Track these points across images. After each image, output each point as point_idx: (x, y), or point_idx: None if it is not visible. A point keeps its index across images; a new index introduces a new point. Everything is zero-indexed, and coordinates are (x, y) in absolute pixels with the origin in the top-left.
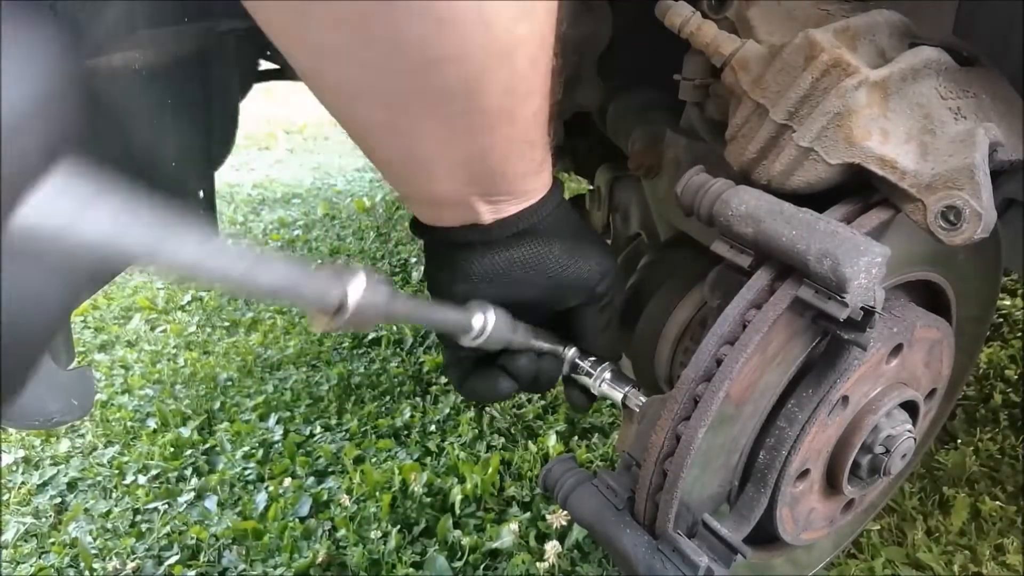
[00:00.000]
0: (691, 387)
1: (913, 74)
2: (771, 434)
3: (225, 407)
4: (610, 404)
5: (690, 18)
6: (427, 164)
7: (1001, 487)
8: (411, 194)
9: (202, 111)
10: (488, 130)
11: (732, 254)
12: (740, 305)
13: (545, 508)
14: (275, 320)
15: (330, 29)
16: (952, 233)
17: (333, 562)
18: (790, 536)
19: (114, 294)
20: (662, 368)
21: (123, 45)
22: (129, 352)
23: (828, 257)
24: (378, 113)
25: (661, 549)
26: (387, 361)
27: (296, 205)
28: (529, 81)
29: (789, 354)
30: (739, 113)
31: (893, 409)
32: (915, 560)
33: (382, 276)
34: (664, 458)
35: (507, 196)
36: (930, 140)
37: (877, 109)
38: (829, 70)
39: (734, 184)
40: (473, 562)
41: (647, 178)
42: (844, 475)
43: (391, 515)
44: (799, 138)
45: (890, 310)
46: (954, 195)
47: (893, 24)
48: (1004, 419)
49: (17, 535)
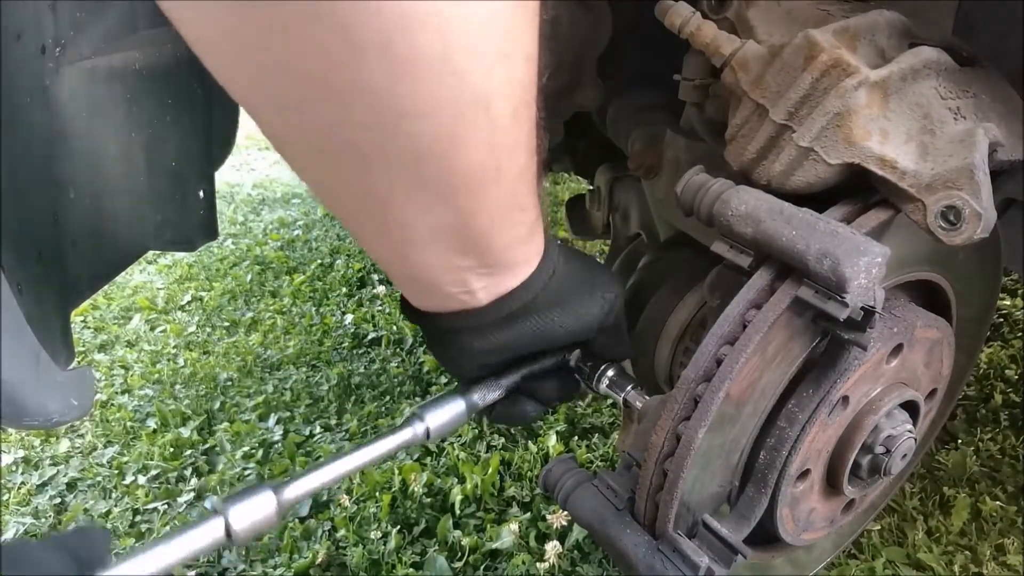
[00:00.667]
0: (691, 387)
1: (913, 74)
2: (771, 434)
3: (225, 407)
4: (610, 404)
5: (690, 18)
6: (407, 232)
7: (1002, 487)
8: (396, 270)
9: (202, 111)
10: (470, 192)
11: (732, 254)
12: (740, 305)
13: (545, 508)
14: (275, 320)
15: (287, 80)
16: (952, 233)
17: (333, 562)
18: (790, 536)
19: (114, 294)
20: (662, 368)
21: (123, 45)
22: (129, 352)
23: (828, 257)
24: (346, 174)
25: (661, 549)
26: (387, 361)
27: (296, 205)
28: (512, 135)
29: (789, 354)
30: (739, 113)
31: (893, 409)
32: (915, 560)
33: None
34: (664, 458)
35: (498, 268)
36: (930, 140)
37: (877, 109)
38: (829, 70)
39: (734, 184)
40: (473, 562)
41: (647, 178)
42: (844, 475)
43: (391, 515)
44: (799, 138)
45: (890, 310)
46: (954, 195)
47: (893, 24)
48: (1004, 419)
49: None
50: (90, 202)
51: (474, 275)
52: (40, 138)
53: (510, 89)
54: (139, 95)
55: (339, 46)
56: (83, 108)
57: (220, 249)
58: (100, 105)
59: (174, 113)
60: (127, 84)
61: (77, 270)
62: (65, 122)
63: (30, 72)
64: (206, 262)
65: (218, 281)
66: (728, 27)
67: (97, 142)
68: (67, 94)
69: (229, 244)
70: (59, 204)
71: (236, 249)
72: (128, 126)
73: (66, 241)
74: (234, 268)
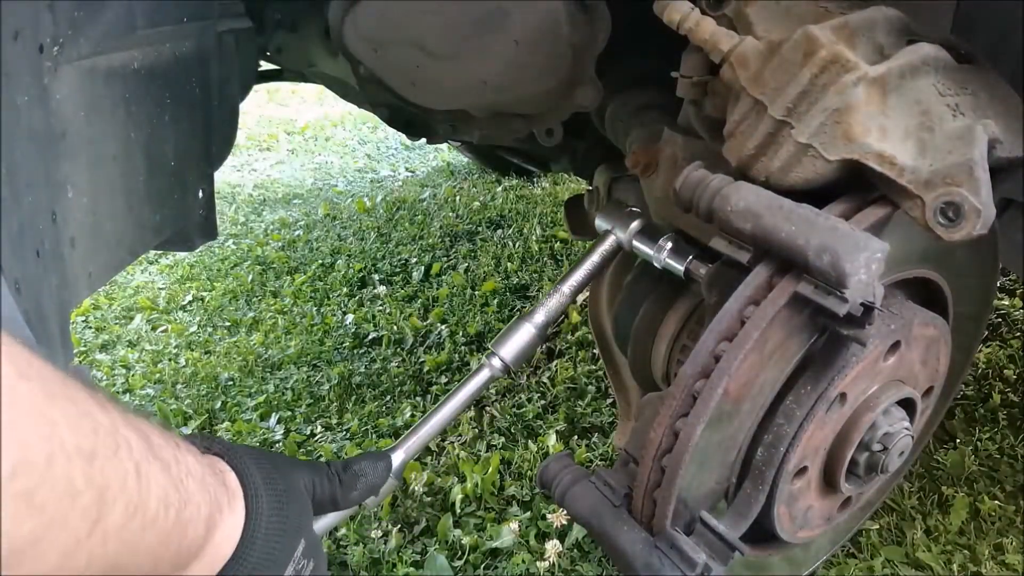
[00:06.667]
0: (689, 383)
1: (912, 71)
2: (769, 431)
3: (226, 407)
4: (611, 403)
5: (689, 14)
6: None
7: (1000, 486)
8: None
9: (202, 111)
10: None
11: (731, 250)
12: (739, 301)
13: (545, 507)
14: (276, 320)
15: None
16: (951, 229)
17: (333, 561)
18: (787, 534)
19: (115, 294)
20: (659, 366)
21: (122, 44)
22: (130, 352)
23: (828, 252)
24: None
25: (659, 546)
26: (388, 361)
27: (297, 205)
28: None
29: (787, 351)
30: (737, 109)
31: (891, 407)
32: (914, 559)
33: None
34: (662, 454)
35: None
36: (928, 137)
37: (876, 106)
38: (828, 66)
39: (733, 180)
40: (473, 561)
41: (644, 176)
42: (842, 472)
43: (391, 514)
44: (798, 134)
45: (888, 307)
46: (953, 191)
47: (891, 21)
48: (1003, 419)
49: None
50: (89, 201)
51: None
52: (39, 137)
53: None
54: (138, 95)
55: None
56: (82, 107)
57: (221, 249)
58: (99, 104)
59: (173, 113)
60: (126, 84)
61: (76, 269)
62: (64, 121)
63: (28, 71)
64: (207, 262)
65: (219, 281)
66: (726, 24)
67: (96, 141)
68: (66, 93)
69: (230, 244)
70: (58, 203)
71: (237, 249)
72: (127, 126)
73: (65, 240)
74: (235, 268)
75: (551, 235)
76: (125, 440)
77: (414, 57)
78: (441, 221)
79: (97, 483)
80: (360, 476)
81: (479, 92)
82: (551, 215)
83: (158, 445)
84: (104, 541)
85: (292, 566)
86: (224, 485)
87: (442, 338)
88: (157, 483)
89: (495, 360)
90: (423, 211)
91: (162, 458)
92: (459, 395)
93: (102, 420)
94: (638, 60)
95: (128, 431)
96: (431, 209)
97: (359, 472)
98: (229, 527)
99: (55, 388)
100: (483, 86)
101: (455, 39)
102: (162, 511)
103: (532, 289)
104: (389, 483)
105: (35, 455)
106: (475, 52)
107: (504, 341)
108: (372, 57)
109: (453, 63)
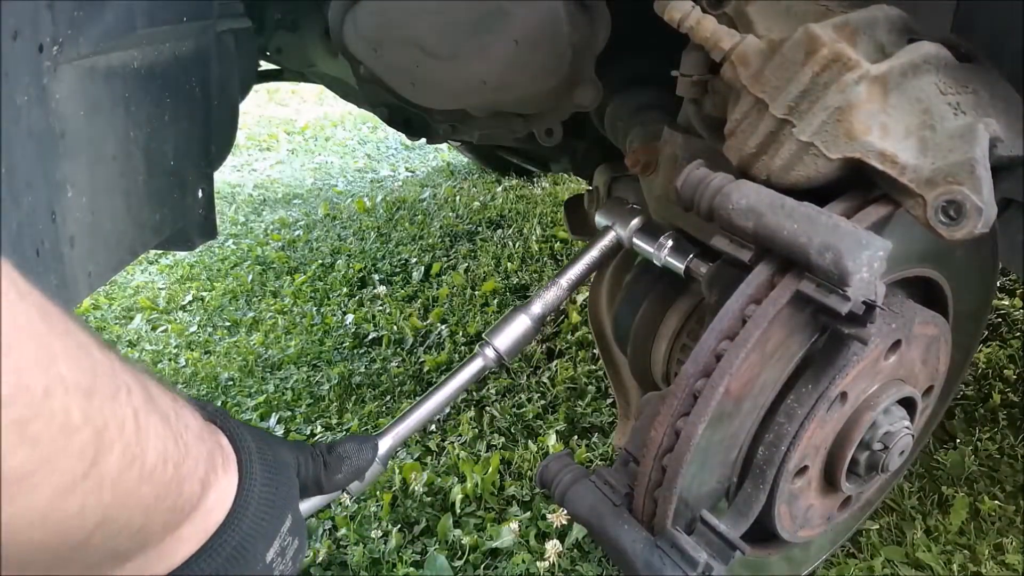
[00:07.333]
0: (690, 382)
1: (913, 69)
2: (770, 430)
3: (226, 407)
4: (610, 403)
5: (689, 13)
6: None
7: (1000, 486)
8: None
9: (202, 111)
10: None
11: (732, 248)
12: (740, 300)
13: (545, 507)
14: (276, 320)
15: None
16: (952, 228)
17: (334, 561)
18: (788, 533)
19: (115, 294)
20: (659, 365)
21: (122, 44)
22: (130, 352)
23: (830, 250)
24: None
25: (659, 546)
26: (388, 361)
27: (297, 205)
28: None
29: (788, 350)
30: (738, 108)
31: (891, 406)
32: (914, 559)
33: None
34: (663, 454)
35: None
36: (930, 135)
37: (877, 104)
38: (829, 65)
39: (734, 178)
40: (473, 561)
41: (644, 175)
42: (842, 471)
43: (391, 514)
44: (799, 133)
45: (888, 306)
46: (954, 190)
47: (892, 19)
48: (1003, 419)
49: None
50: (88, 201)
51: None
52: (38, 137)
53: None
54: (137, 94)
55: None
56: (81, 107)
57: (221, 249)
58: (98, 104)
59: (173, 112)
60: (126, 83)
61: (75, 269)
62: (63, 121)
63: (28, 71)
64: (207, 262)
65: (219, 281)
66: (727, 22)
67: (95, 141)
68: (65, 93)
69: (230, 244)
70: (57, 202)
71: (237, 249)
72: (126, 125)
73: (64, 239)
74: (235, 268)
75: (551, 235)
76: (125, 384)
77: (414, 57)
78: (441, 221)
79: (95, 422)
80: (345, 458)
81: (479, 92)
82: (551, 215)
83: (157, 395)
84: (99, 487)
85: (279, 541)
86: (219, 445)
87: (442, 338)
88: (156, 433)
89: (488, 350)
90: (423, 211)
91: (161, 409)
92: (450, 384)
93: (101, 360)
94: (638, 60)
95: (127, 376)
96: (431, 209)
97: (344, 454)
98: (223, 489)
99: (55, 318)
100: (483, 86)
101: (455, 39)
102: (160, 464)
103: (532, 289)
104: (375, 468)
105: (32, 382)
106: (475, 52)
107: (499, 331)
108: (372, 57)
109: (453, 63)
